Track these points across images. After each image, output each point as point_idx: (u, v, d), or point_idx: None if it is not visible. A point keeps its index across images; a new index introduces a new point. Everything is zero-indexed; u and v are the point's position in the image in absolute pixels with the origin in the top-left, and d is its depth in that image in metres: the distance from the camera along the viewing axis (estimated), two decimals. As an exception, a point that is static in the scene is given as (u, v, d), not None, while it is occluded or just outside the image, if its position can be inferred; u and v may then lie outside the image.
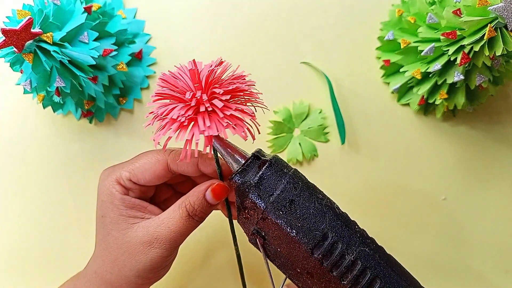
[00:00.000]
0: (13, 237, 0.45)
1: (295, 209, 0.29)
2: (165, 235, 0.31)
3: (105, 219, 0.33)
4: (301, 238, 0.29)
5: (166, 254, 0.32)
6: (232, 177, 0.30)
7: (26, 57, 0.34)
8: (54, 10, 0.35)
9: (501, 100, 0.46)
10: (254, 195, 0.29)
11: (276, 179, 0.29)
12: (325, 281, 0.29)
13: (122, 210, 0.32)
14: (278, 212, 0.29)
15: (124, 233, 0.32)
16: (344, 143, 0.44)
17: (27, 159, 0.45)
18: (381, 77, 0.46)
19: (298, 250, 0.29)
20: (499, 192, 0.45)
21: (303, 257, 0.29)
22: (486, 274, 0.44)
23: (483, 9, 0.33)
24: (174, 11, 0.47)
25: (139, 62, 0.45)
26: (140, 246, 0.31)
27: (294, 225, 0.29)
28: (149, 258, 0.31)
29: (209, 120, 0.27)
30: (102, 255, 0.33)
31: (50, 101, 0.42)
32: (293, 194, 0.29)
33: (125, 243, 0.32)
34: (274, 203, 0.29)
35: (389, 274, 0.30)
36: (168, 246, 0.31)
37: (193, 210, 0.32)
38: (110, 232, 0.32)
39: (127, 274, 0.32)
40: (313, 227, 0.29)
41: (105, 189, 0.33)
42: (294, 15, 0.46)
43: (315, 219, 0.29)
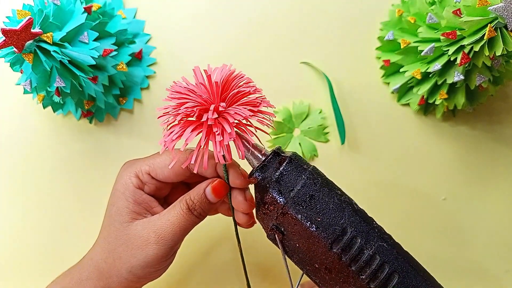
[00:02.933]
0: (13, 237, 0.45)
1: (315, 204, 0.29)
2: (164, 229, 0.31)
3: (113, 208, 0.33)
4: (320, 233, 0.29)
5: (162, 252, 0.31)
6: (252, 172, 0.31)
7: (26, 57, 0.34)
8: (54, 10, 0.35)
9: (501, 100, 0.46)
10: (274, 190, 0.30)
11: (296, 174, 0.30)
12: (343, 276, 0.30)
13: (130, 203, 0.33)
14: (298, 207, 0.29)
15: (125, 226, 0.32)
16: (344, 143, 0.44)
17: (27, 159, 0.45)
18: (381, 77, 0.46)
19: (317, 245, 0.29)
20: (499, 192, 0.45)
21: (322, 252, 0.29)
22: (486, 274, 0.44)
23: (483, 9, 0.33)
24: (174, 11, 0.47)
25: (139, 62, 0.45)
26: (139, 240, 0.31)
27: (314, 220, 0.29)
28: (144, 255, 0.31)
29: (229, 127, 0.28)
30: (100, 244, 0.33)
31: (50, 101, 0.42)
32: (313, 190, 0.30)
33: (124, 236, 0.32)
34: (294, 198, 0.29)
35: (407, 269, 0.30)
36: (165, 242, 0.31)
37: (193, 204, 0.32)
38: (113, 223, 0.33)
39: (119, 267, 0.32)
40: (332, 222, 0.29)
41: (121, 179, 0.33)
42: (294, 15, 0.46)
43: (334, 214, 0.29)
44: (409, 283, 0.29)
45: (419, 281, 0.30)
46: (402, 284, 0.29)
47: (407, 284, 0.29)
